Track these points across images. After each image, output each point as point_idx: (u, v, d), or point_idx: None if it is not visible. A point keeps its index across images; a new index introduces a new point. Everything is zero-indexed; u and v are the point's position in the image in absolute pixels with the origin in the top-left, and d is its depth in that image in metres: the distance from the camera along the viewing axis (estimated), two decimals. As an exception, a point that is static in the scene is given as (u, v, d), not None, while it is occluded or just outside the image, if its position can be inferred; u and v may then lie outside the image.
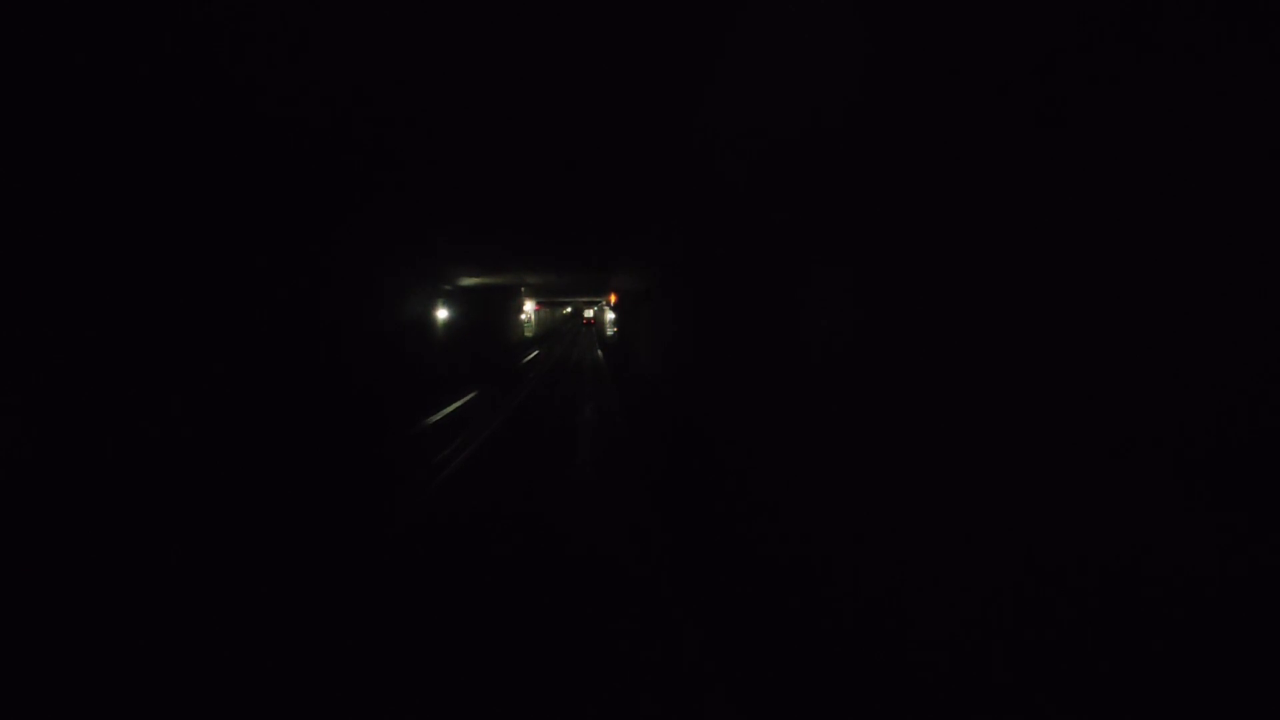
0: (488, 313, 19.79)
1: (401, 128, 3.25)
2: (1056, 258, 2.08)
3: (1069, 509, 2.02)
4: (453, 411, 12.14)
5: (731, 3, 1.98)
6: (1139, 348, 1.76)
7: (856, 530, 3.70)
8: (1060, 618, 2.03)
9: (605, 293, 22.83)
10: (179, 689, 3.33)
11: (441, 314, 14.08)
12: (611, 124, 3.17)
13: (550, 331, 47.72)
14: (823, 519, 4.26)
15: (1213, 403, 1.55)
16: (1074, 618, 1.97)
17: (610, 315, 33.30)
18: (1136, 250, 1.77)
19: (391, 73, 2.54)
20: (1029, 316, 2.23)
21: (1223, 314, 1.53)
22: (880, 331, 3.46)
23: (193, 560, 4.44)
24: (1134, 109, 1.76)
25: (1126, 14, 1.69)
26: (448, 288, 14.27)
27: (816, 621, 3.78)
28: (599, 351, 29.77)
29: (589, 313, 51.12)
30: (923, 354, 2.99)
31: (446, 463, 8.46)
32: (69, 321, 3.56)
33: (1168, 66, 1.64)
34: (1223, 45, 1.50)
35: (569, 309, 54.00)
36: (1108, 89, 1.83)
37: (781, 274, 5.23)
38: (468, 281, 14.07)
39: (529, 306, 30.83)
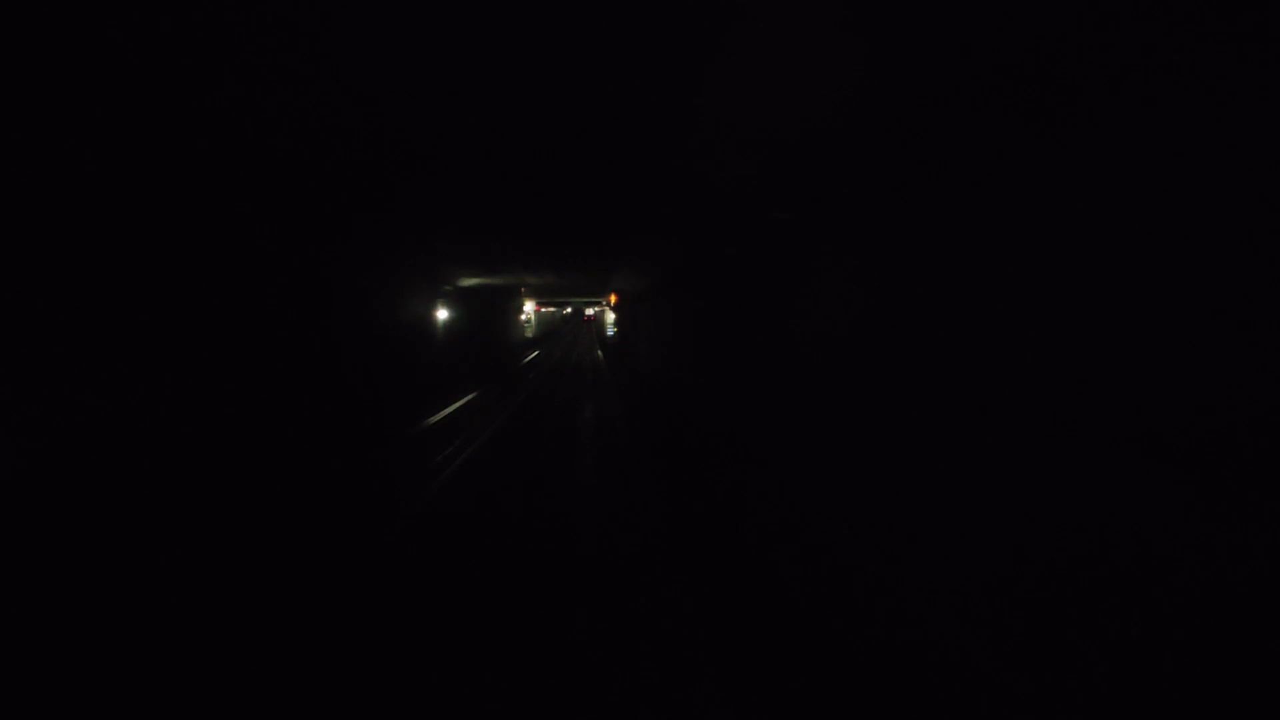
0: (488, 313, 19.79)
1: (403, 131, 3.25)
2: (1055, 257, 2.08)
3: (1069, 508, 2.02)
4: (453, 412, 12.14)
5: (731, 4, 1.98)
6: (1138, 343, 1.76)
7: (856, 530, 3.70)
8: (1060, 617, 2.03)
9: (605, 293, 22.81)
10: (180, 687, 3.33)
11: (441, 314, 14.07)
12: (611, 127, 3.17)
13: (550, 332, 47.72)
14: (822, 518, 4.26)
15: (1212, 400, 1.55)
16: (1074, 617, 1.97)
17: (611, 315, 33.29)
18: (1135, 249, 1.77)
19: (392, 75, 2.54)
20: (1028, 316, 2.23)
21: (1222, 311, 1.53)
22: (880, 331, 3.46)
23: (193, 560, 4.45)
24: (1133, 109, 1.76)
25: (1127, 14, 1.69)
26: (448, 288, 14.26)
27: (816, 621, 3.78)
28: (599, 352, 29.77)
29: (590, 311, 51.33)
30: (922, 353, 2.99)
31: (446, 464, 8.46)
32: (69, 322, 3.56)
33: (1168, 66, 1.64)
34: (1223, 45, 1.50)
35: (569, 309, 54.06)
36: (1108, 89, 1.83)
37: (781, 274, 5.23)
38: (468, 282, 14.06)
39: (529, 307, 30.79)
